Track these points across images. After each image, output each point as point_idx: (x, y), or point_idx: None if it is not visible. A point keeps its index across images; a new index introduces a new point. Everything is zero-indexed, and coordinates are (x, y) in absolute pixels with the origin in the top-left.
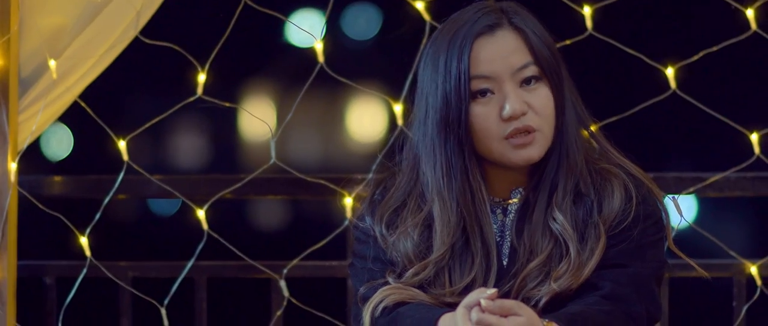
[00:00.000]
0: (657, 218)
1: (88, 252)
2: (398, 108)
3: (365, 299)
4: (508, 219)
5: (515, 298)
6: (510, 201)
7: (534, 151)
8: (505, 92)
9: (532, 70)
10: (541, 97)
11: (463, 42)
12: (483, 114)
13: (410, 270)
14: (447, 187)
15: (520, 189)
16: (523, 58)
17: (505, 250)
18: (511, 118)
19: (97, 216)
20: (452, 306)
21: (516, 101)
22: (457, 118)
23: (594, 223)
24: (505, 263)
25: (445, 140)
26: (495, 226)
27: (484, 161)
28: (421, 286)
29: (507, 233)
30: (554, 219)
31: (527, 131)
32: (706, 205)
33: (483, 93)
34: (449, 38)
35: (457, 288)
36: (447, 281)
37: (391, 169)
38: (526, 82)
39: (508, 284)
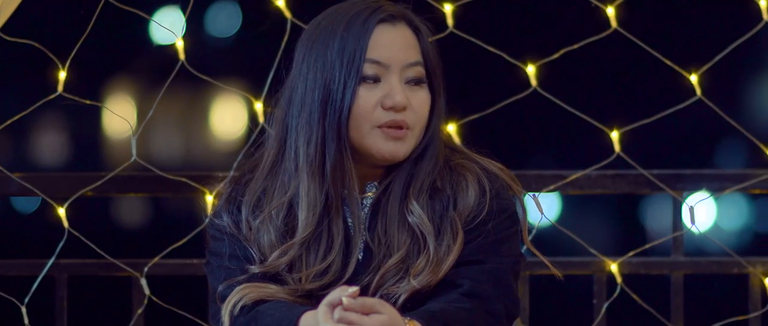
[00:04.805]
0: (511, 212)
1: None
2: (259, 105)
3: (223, 297)
4: (362, 213)
5: (374, 295)
6: (365, 195)
7: (402, 148)
8: (391, 83)
9: (418, 71)
10: (421, 98)
11: (365, 24)
12: (365, 97)
13: (275, 253)
14: (319, 164)
15: (375, 184)
16: (415, 56)
17: (360, 245)
18: (393, 109)
19: None
20: (311, 296)
21: (402, 94)
22: (341, 96)
23: (450, 218)
24: (360, 258)
25: (324, 116)
26: (350, 221)
27: (352, 151)
28: (279, 279)
29: (361, 228)
30: (411, 211)
31: (401, 127)
32: (567, 203)
33: (371, 78)
34: (348, 19)
35: (313, 271)
36: (305, 264)
37: (250, 164)
38: (411, 81)
39: (366, 279)
